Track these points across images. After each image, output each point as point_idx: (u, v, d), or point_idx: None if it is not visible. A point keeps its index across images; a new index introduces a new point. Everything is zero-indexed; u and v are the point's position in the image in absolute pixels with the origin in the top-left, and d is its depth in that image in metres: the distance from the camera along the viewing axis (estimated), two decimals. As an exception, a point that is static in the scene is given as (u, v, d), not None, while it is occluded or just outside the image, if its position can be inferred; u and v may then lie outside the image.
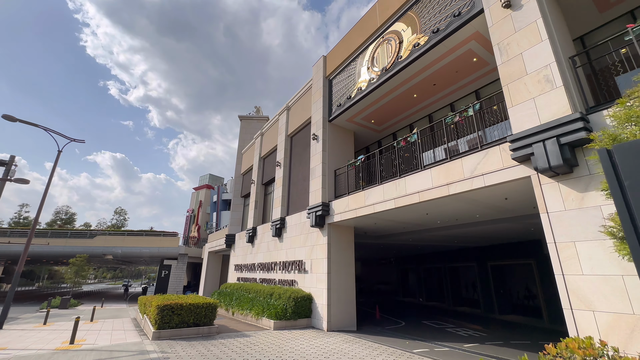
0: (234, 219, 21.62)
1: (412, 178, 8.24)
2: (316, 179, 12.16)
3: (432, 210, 8.90)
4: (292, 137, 16.10)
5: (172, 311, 8.67)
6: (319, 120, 12.95)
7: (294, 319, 10.68)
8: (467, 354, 7.65)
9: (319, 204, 11.38)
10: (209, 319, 9.23)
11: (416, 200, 7.93)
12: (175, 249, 29.27)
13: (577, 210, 4.98)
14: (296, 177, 14.79)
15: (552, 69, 5.52)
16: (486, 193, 7.07)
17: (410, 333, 10.56)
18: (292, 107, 16.47)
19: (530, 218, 9.26)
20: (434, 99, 11.18)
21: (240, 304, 13.06)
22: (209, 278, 25.65)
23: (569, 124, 5.03)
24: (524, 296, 15.06)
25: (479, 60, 9.10)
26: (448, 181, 7.23)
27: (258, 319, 11.35)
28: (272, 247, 14.97)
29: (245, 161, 22.52)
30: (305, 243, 12.39)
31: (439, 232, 12.37)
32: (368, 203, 9.55)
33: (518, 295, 15.72)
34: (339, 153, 12.74)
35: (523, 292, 15.06)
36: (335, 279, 10.84)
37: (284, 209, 14.89)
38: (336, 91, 12.84)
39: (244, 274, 17.58)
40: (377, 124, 13.07)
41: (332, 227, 11.38)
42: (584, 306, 4.71)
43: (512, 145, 5.78)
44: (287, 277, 13.12)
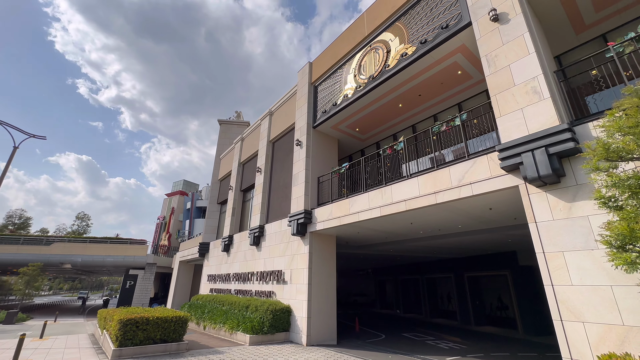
0: (209, 226, 20.61)
1: (398, 186, 8.12)
2: (299, 186, 11.80)
3: (416, 219, 8.80)
4: (274, 142, 15.71)
5: (137, 326, 7.83)
6: (303, 126, 12.69)
7: (272, 333, 10.07)
8: (451, 368, 7.46)
9: (301, 212, 11.00)
10: (179, 334, 8.45)
11: (403, 208, 7.79)
12: (142, 257, 27.42)
13: (565, 220, 5.00)
14: (277, 184, 14.34)
15: (539, 81, 5.63)
16: (472, 202, 7.06)
17: (392, 346, 10.27)
18: (275, 113, 16.14)
19: (510, 229, 9.42)
20: (419, 109, 11.31)
21: (212, 317, 12.21)
22: (179, 289, 24.13)
23: (557, 135, 5.09)
24: (499, 307, 15.33)
25: (463, 73, 9.31)
26: (435, 190, 7.15)
27: (232, 333, 10.60)
28: (250, 257, 14.29)
29: (224, 167, 21.73)
30: (285, 252, 11.89)
31: (420, 243, 12.34)
32: (353, 211, 9.31)
33: (493, 306, 15.98)
34: (323, 160, 12.50)
35: (498, 303, 15.34)
36: (316, 290, 10.40)
37: (264, 216, 14.33)
38: (321, 98, 12.69)
39: (218, 284, 16.63)
40: (361, 132, 13.02)
41: (314, 236, 11.01)
42: (574, 317, 4.65)
43: (501, 154, 5.79)
44: (264, 288, 12.48)
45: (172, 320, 8.36)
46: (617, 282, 4.35)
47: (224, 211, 20.30)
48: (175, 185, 69.50)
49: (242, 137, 19.36)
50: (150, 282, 27.85)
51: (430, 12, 8.62)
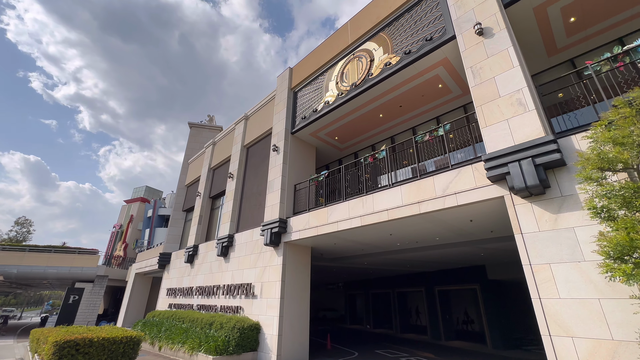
0: (172, 235, 19.07)
1: (380, 195, 7.86)
2: (274, 193, 11.20)
3: (397, 230, 8.57)
4: (248, 148, 15.02)
5: (77, 349, 6.64)
6: (281, 132, 12.22)
7: (238, 353, 9.14)
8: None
9: (276, 220, 10.37)
10: (129, 357, 7.31)
11: (385, 218, 7.51)
12: (92, 269, 24.69)
13: (551, 232, 4.94)
14: (250, 191, 13.59)
15: (524, 93, 5.70)
16: (455, 213, 6.95)
17: (366, 365, 9.76)
18: (251, 117, 15.53)
19: (485, 242, 9.50)
20: (398, 121, 11.34)
21: (170, 336, 10.95)
22: (133, 305, 21.89)
23: (543, 145, 5.10)
24: (468, 321, 15.47)
25: (443, 87, 9.47)
26: (419, 199, 6.96)
27: (192, 354, 9.50)
28: (216, 269, 13.22)
29: (192, 172, 20.46)
30: (256, 264, 11.09)
31: (396, 255, 12.14)
32: (331, 220, 8.89)
33: (463, 320, 16.11)
34: (300, 168, 12.05)
35: (468, 317, 15.48)
36: (288, 304, 9.70)
37: (234, 225, 13.43)
38: (301, 104, 12.37)
39: (179, 299, 15.20)
40: (340, 141, 12.80)
41: (289, 247, 10.38)
42: (563, 332, 4.51)
43: (487, 164, 5.73)
44: (231, 303, 11.49)
45: (122, 342, 7.23)
46: (605, 295, 4.29)
47: (190, 219, 18.94)
48: (136, 192, 64.96)
49: (214, 142, 18.40)
50: (100, 296, 25.05)
51: (414, 24, 8.72)
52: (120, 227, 55.07)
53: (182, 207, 20.03)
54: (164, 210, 50.31)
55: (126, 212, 55.70)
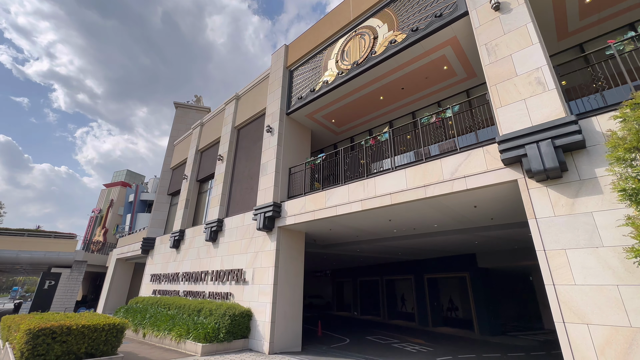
0: (156, 219, 18.27)
1: (383, 178, 7.52)
2: (268, 176, 10.69)
3: (397, 216, 8.30)
4: (239, 129, 14.32)
5: (53, 337, 6.08)
6: (275, 112, 11.61)
7: (228, 340, 8.78)
8: (428, 374, 7.00)
9: (270, 204, 9.90)
10: (112, 345, 6.81)
11: (387, 202, 7.19)
12: (70, 254, 23.54)
13: (568, 217, 4.74)
14: (241, 174, 13.00)
15: (543, 71, 5.40)
16: (460, 198, 6.71)
17: (360, 351, 9.64)
18: (242, 97, 14.75)
19: (483, 230, 9.41)
20: (398, 104, 10.96)
21: (155, 323, 10.45)
22: (114, 291, 21.11)
23: (564, 127, 4.85)
24: (456, 308, 15.70)
25: (449, 69, 9.11)
26: (425, 183, 6.66)
27: (180, 342, 9.07)
28: (204, 254, 12.70)
29: (178, 154, 19.52)
30: (247, 249, 10.65)
31: (390, 243, 11.98)
32: (329, 204, 8.51)
33: (451, 307, 16.36)
34: (295, 151, 11.54)
35: (456, 304, 15.71)
36: (282, 291, 9.37)
37: (223, 209, 12.86)
38: (297, 83, 11.75)
39: (164, 285, 14.62)
40: (337, 124, 12.34)
41: (283, 232, 9.98)
42: (578, 319, 4.36)
43: (502, 145, 5.45)
44: (220, 290, 11.06)
45: (104, 329, 6.70)
46: (624, 281, 4.13)
47: (175, 203, 18.16)
48: (116, 175, 62.54)
49: (202, 123, 17.51)
50: (78, 282, 24.02)
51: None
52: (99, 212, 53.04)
53: (167, 190, 19.16)
54: (147, 195, 48.72)
55: (106, 197, 53.57)
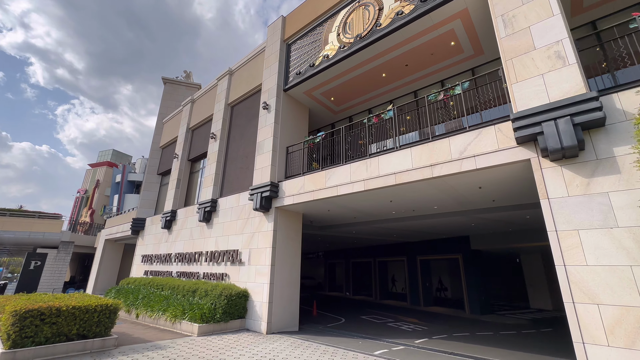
0: (146, 200, 17.73)
1: (387, 158, 7.26)
2: (264, 155, 10.29)
3: (398, 197, 8.12)
4: (233, 106, 13.70)
5: (42, 318, 5.78)
6: (272, 88, 11.07)
7: (225, 320, 8.67)
8: (426, 352, 7.06)
9: (267, 184, 9.58)
10: (105, 327, 6.56)
11: (391, 182, 6.98)
12: (56, 235, 22.85)
13: (582, 197, 4.62)
14: (235, 153, 12.54)
15: (564, 45, 5.12)
16: (467, 178, 6.54)
17: (356, 330, 9.72)
18: (236, 72, 14.04)
19: (482, 212, 9.38)
20: (400, 83, 10.57)
21: (149, 304, 10.25)
22: (104, 272, 20.74)
23: (584, 103, 4.63)
24: (447, 289, 16.06)
25: (456, 45, 8.73)
26: (432, 162, 6.44)
27: (175, 322, 8.91)
28: (198, 235, 12.40)
29: (168, 132, 18.75)
30: (243, 230, 10.40)
31: (387, 224, 11.92)
32: (330, 184, 8.25)
33: (443, 288, 16.73)
34: (292, 129, 11.12)
35: (448, 285, 16.05)
36: (279, 272, 9.23)
37: (217, 189, 12.47)
38: (295, 58, 11.17)
39: (155, 266, 14.35)
40: (336, 102, 11.89)
41: (280, 212, 9.73)
42: (588, 299, 4.32)
43: (516, 123, 5.22)
44: (215, 270, 10.87)
45: (96, 310, 6.43)
46: (638, 262, 4.07)
47: (166, 183, 17.60)
48: (102, 155, 60.61)
49: (193, 99, 16.73)
50: (66, 263, 23.48)
51: (433, -33, 7.71)
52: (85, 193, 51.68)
53: (156, 170, 18.52)
54: (134, 175, 47.48)
55: (91, 177, 52.09)
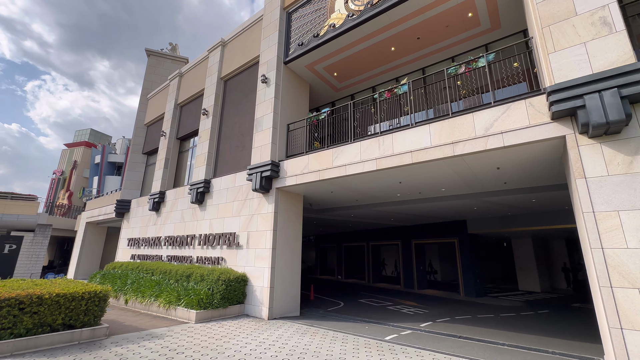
0: (131, 180, 16.69)
1: (402, 135, 6.78)
2: (264, 132, 9.60)
3: (410, 177, 7.71)
4: (226, 80, 12.75)
5: (20, 308, 5.12)
6: (271, 60, 10.23)
7: (224, 306, 8.21)
8: (435, 336, 6.88)
9: (267, 162, 8.96)
10: (94, 315, 5.96)
11: (407, 161, 6.53)
12: (31, 217, 21.46)
13: (624, 176, 4.31)
14: (230, 131, 11.74)
15: (610, 9, 4.67)
16: (489, 158, 6.16)
17: (357, 314, 9.51)
18: (229, 44, 12.99)
19: (490, 195, 9.15)
20: (409, 58, 9.98)
21: (139, 289, 9.64)
22: (86, 256, 19.75)
23: (633, 74, 4.24)
24: (442, 272, 16.18)
25: (473, 17, 8.17)
26: (453, 139, 6.01)
27: (169, 308, 8.38)
28: (190, 217, 11.71)
29: (153, 108, 17.51)
30: (240, 212, 9.81)
31: (388, 208, 11.61)
32: (338, 164, 7.73)
33: (435, 271, 16.86)
34: (293, 106, 10.41)
35: (443, 268, 16.16)
36: (280, 255, 8.78)
37: (210, 169, 11.72)
38: (297, 28, 10.32)
39: (143, 250, 13.61)
40: (339, 78, 11.20)
41: (281, 193, 9.18)
42: (628, 283, 4.08)
43: (553, 96, 4.81)
44: (210, 254, 10.31)
45: (83, 298, 5.80)
46: (685, 244, 3.82)
47: (152, 163, 16.57)
48: (79, 135, 57.47)
49: (181, 73, 15.54)
50: (43, 247, 22.23)
51: None
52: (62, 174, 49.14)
53: (142, 149, 17.38)
54: (115, 156, 45.35)
55: (68, 157, 49.43)
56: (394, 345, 5.99)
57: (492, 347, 6.20)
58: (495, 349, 6.06)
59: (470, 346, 6.18)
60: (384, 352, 5.53)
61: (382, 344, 6.06)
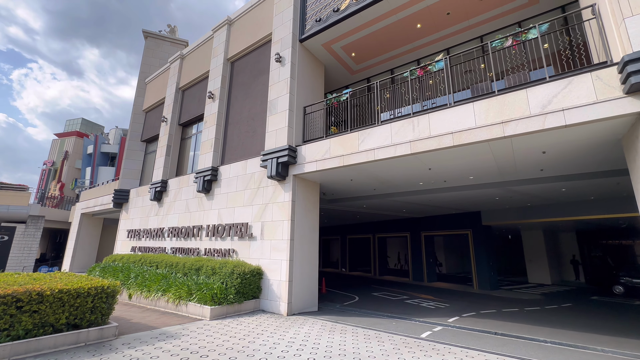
0: (129, 169, 15.84)
1: (439, 115, 6.17)
2: (278, 115, 8.90)
3: (442, 163, 7.13)
4: (234, 61, 11.92)
5: (18, 306, 4.45)
6: (286, 38, 9.47)
7: (239, 302, 7.62)
8: (470, 333, 6.41)
9: (284, 147, 8.29)
10: (101, 313, 5.31)
11: (447, 143, 5.94)
12: (23, 208, 20.47)
13: None
14: (239, 115, 10.99)
15: (703, -35, 4.08)
16: (536, 141, 5.59)
17: (377, 309, 9.01)
18: (236, 22, 12.13)
19: (521, 183, 8.64)
20: (433, 37, 9.32)
21: (144, 283, 8.98)
22: (81, 248, 18.94)
23: None
24: (453, 264, 15.80)
25: (511, -12, 7.52)
26: (503, 119, 5.42)
27: (179, 304, 7.76)
28: (195, 207, 11.02)
29: (152, 93, 16.58)
30: (252, 201, 9.16)
31: (404, 198, 11.05)
32: (364, 148, 7.11)
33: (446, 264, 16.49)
34: (308, 88, 9.70)
35: (455, 260, 15.78)
36: (298, 247, 8.19)
37: (218, 155, 10.99)
38: (312, 2, 9.56)
39: (145, 242, 12.90)
40: (356, 59, 10.50)
41: (298, 181, 8.54)
42: None
43: (631, 66, 4.23)
44: (220, 246, 9.67)
45: (90, 294, 5.14)
46: None
47: (152, 151, 15.74)
48: (70, 124, 55.72)
49: (183, 55, 14.63)
50: (36, 239, 21.30)
51: None
52: (52, 165, 47.62)
53: (140, 136, 16.49)
54: (109, 147, 44.09)
55: (59, 148, 47.87)
56: (435, 343, 5.48)
57: (538, 345, 5.74)
58: (543, 347, 5.60)
59: (514, 344, 5.71)
60: (427, 351, 5.01)
61: (422, 342, 5.54)
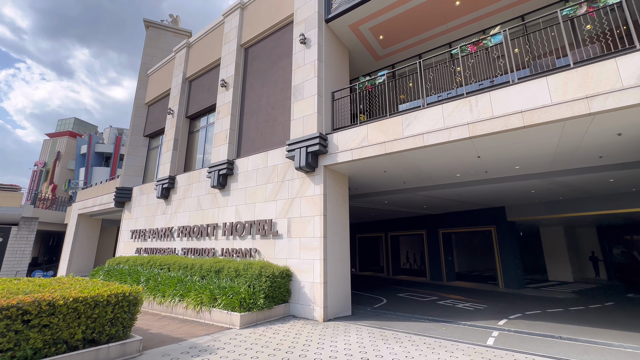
0: (131, 166, 14.88)
1: (503, 93, 5.47)
2: (306, 101, 8.12)
3: (495, 149, 6.43)
4: (248, 47, 11.09)
5: (25, 320, 3.60)
6: (311, 17, 8.70)
7: (269, 307, 6.80)
8: (534, 338, 5.71)
9: (314, 135, 7.51)
10: (123, 325, 4.46)
11: (515, 124, 5.22)
12: (14, 209, 19.30)
13: None
14: (256, 104, 10.17)
15: None
16: (618, 119, 4.92)
17: (413, 312, 8.29)
18: (249, 5, 11.30)
19: (567, 174, 7.97)
20: (469, 18, 8.65)
21: (157, 288, 8.11)
22: (79, 251, 17.86)
23: None
24: (476, 262, 15.17)
25: (566, -42, 6.87)
26: (588, 93, 4.73)
27: (200, 310, 6.92)
28: (209, 204, 10.17)
29: (155, 85, 15.63)
30: (276, 196, 8.36)
31: (433, 192, 10.36)
32: (410, 133, 6.37)
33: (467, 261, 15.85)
34: (335, 73, 8.93)
35: (477, 258, 15.14)
36: (331, 245, 7.43)
37: (233, 148, 10.16)
38: (339, -20, 8.80)
39: (151, 243, 11.99)
40: (383, 43, 9.76)
41: (329, 172, 7.77)
42: None
43: None
44: (239, 246, 8.84)
45: (109, 302, 4.29)
46: None
47: (156, 146, 14.81)
48: (62, 124, 54.17)
49: (189, 44, 13.74)
50: (29, 242, 20.09)
51: None
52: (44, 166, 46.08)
53: (142, 131, 15.52)
54: (103, 147, 42.73)
55: (50, 148, 46.39)
56: (512, 352, 4.76)
57: (616, 350, 5.06)
58: (622, 352, 4.91)
59: (594, 351, 5.02)
60: (511, 364, 4.28)
61: (495, 351, 4.81)
